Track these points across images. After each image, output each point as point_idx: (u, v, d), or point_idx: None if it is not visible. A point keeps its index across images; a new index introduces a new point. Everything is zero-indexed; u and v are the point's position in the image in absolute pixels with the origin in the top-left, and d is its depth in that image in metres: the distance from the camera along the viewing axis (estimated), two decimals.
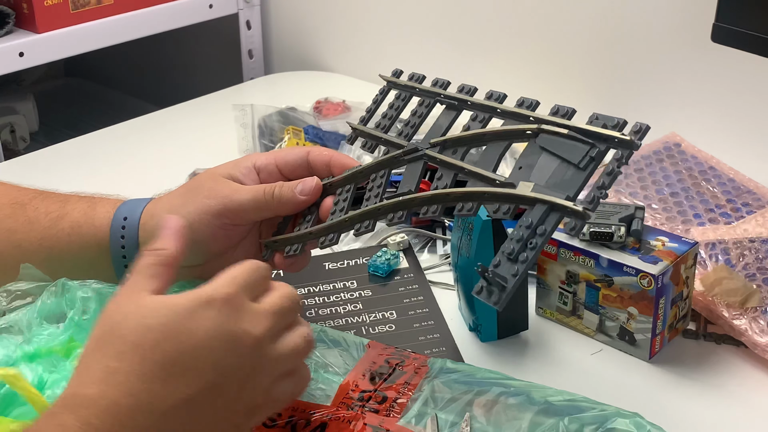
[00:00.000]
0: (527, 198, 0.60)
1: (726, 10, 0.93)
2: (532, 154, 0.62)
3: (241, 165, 0.78)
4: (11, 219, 0.79)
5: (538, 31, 1.35)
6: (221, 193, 0.75)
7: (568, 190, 0.58)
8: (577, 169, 0.59)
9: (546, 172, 0.60)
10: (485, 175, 0.63)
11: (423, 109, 0.75)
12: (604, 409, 0.66)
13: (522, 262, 0.59)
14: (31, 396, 0.61)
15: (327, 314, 0.88)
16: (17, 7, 1.40)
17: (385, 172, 0.74)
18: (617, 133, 0.58)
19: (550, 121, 0.62)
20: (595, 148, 0.59)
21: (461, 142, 0.68)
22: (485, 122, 0.68)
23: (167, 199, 0.78)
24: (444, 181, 0.67)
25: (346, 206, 0.75)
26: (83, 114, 1.89)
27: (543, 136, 0.62)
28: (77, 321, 0.72)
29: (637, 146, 0.58)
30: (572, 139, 0.60)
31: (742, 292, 0.85)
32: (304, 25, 1.66)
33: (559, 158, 0.60)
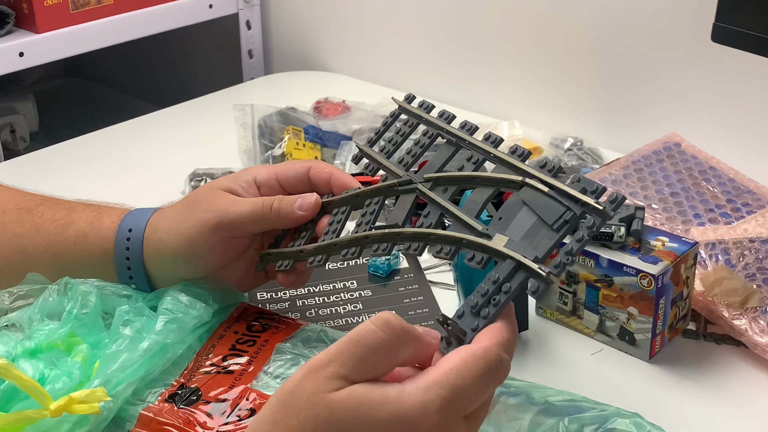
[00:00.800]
0: (499, 252, 0.60)
1: (726, 10, 0.93)
2: (514, 206, 0.63)
3: (241, 178, 0.78)
4: (17, 224, 0.79)
5: (538, 30, 1.35)
6: (218, 206, 0.75)
7: (538, 250, 0.59)
8: (550, 229, 0.59)
9: (522, 228, 0.61)
10: (467, 221, 0.64)
11: (426, 140, 0.76)
12: (604, 409, 0.66)
13: (483, 317, 0.59)
14: (24, 383, 0.61)
15: (327, 314, 0.88)
16: (17, 7, 1.40)
17: (380, 199, 0.74)
18: (592, 200, 0.59)
19: (535, 175, 0.63)
20: (570, 212, 0.59)
21: (452, 181, 0.69)
22: (478, 164, 0.69)
23: (169, 213, 0.78)
24: (430, 219, 0.68)
25: (339, 228, 0.75)
26: (83, 114, 1.89)
27: (526, 190, 0.63)
28: (76, 315, 0.72)
29: (610, 216, 0.59)
30: (552, 198, 0.61)
31: (742, 292, 0.85)
32: (304, 25, 1.66)
33: (537, 216, 0.61)
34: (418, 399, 0.50)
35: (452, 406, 0.51)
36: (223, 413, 0.67)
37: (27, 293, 0.76)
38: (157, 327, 0.71)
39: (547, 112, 1.36)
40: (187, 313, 0.73)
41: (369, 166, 0.79)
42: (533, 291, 0.57)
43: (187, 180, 1.16)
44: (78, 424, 0.63)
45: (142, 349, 0.69)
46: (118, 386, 0.66)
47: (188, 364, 0.72)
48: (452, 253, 0.64)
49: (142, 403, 0.68)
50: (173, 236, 0.76)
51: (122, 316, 0.72)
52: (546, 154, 1.22)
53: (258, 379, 0.70)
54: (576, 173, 0.61)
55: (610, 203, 0.58)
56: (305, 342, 0.75)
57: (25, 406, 0.63)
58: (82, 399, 0.62)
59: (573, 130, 1.30)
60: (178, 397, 0.68)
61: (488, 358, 0.53)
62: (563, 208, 0.59)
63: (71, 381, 0.66)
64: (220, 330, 0.75)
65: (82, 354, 0.69)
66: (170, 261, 0.77)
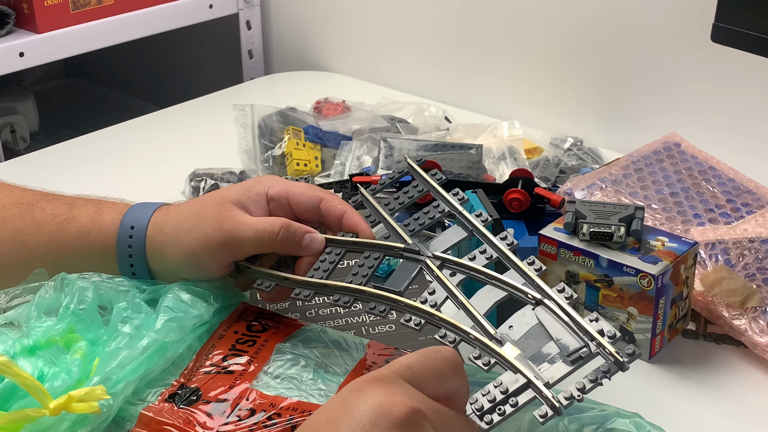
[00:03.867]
0: (511, 364, 0.60)
1: (726, 10, 0.93)
2: (525, 319, 0.63)
3: (253, 191, 0.77)
4: (18, 219, 0.79)
5: (538, 30, 1.35)
6: (224, 227, 0.74)
7: (550, 377, 0.60)
8: (563, 360, 0.60)
9: (534, 345, 0.61)
10: (478, 319, 0.63)
11: (436, 213, 0.75)
12: (604, 409, 0.66)
13: (487, 423, 0.59)
14: (24, 381, 0.61)
15: (327, 314, 0.88)
16: (17, 7, 1.40)
17: (380, 256, 0.73)
18: (614, 350, 0.59)
19: (554, 299, 0.63)
20: (587, 350, 0.60)
21: (463, 268, 0.68)
22: (490, 261, 0.68)
23: (175, 217, 0.77)
24: (435, 298, 0.67)
25: (330, 268, 0.74)
26: (83, 114, 1.89)
27: (541, 310, 0.63)
28: (73, 311, 0.72)
29: (626, 369, 0.60)
30: (569, 328, 0.61)
31: (741, 292, 0.85)
32: (304, 25, 1.66)
33: (551, 339, 0.61)
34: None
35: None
36: (224, 413, 0.67)
37: (24, 290, 0.76)
38: (157, 325, 0.71)
39: (547, 112, 1.36)
40: (187, 312, 0.73)
41: (370, 216, 0.78)
42: (541, 416, 0.57)
43: (187, 180, 1.16)
44: (78, 423, 0.63)
45: (141, 346, 0.69)
46: (117, 384, 0.66)
47: (188, 363, 0.72)
48: (457, 343, 0.64)
49: (142, 402, 0.68)
50: (179, 244, 0.76)
51: (120, 313, 0.72)
52: (546, 154, 1.22)
53: (258, 379, 0.70)
54: (594, 312, 0.62)
55: (628, 355, 0.59)
56: (305, 342, 0.75)
57: (25, 404, 0.63)
58: (82, 397, 0.62)
59: (573, 130, 1.30)
60: (178, 397, 0.68)
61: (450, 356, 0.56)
62: (581, 343, 0.60)
63: (70, 378, 0.66)
64: (220, 330, 0.75)
65: (81, 351, 0.69)
66: (173, 264, 0.77)
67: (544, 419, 0.57)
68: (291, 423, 0.65)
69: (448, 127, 1.30)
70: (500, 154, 1.20)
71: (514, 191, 0.99)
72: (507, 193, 0.99)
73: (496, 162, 1.19)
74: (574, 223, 0.86)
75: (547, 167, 1.17)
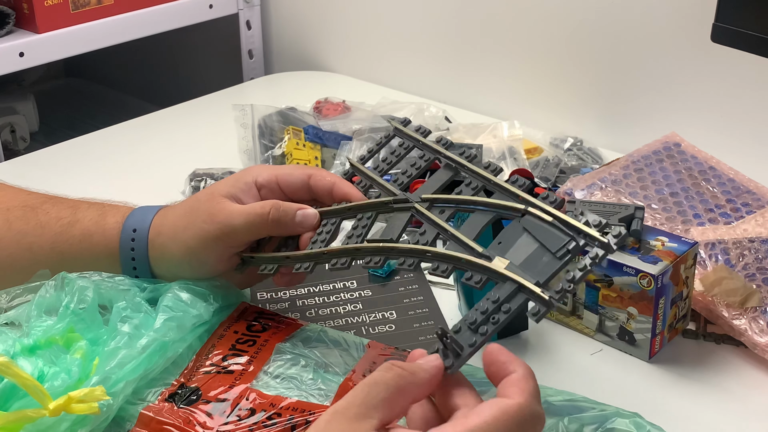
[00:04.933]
0: (500, 273, 0.61)
1: (726, 10, 0.93)
2: (513, 233, 0.63)
3: (242, 181, 0.78)
4: (22, 221, 0.80)
5: (538, 30, 1.35)
6: (217, 218, 0.75)
7: (540, 276, 0.60)
8: (552, 257, 0.60)
9: (523, 253, 0.61)
10: (466, 242, 0.64)
11: (422, 163, 0.77)
12: (604, 409, 0.66)
13: (481, 334, 0.59)
14: (24, 382, 0.61)
15: (327, 314, 0.88)
16: (17, 7, 1.40)
17: (373, 214, 0.74)
18: (597, 233, 0.59)
19: (538, 205, 0.63)
20: (573, 242, 0.60)
21: (450, 203, 0.69)
22: (477, 191, 0.70)
23: (172, 217, 0.78)
24: (426, 237, 0.68)
25: (328, 238, 0.75)
26: (83, 114, 1.89)
27: (528, 218, 0.63)
28: (73, 310, 0.72)
29: (614, 250, 0.59)
30: (555, 227, 0.62)
31: (741, 292, 0.85)
32: (304, 25, 1.66)
33: (539, 242, 0.62)
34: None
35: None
36: (224, 413, 0.67)
37: (25, 290, 0.76)
38: (157, 325, 0.71)
39: (547, 112, 1.36)
40: (187, 312, 0.73)
41: (361, 182, 0.79)
42: (534, 313, 0.57)
43: (187, 180, 1.16)
44: (77, 423, 0.63)
45: (140, 346, 0.69)
46: (117, 384, 0.66)
47: (188, 363, 0.72)
48: (449, 272, 0.64)
49: (142, 402, 0.68)
50: (176, 243, 0.77)
51: (120, 312, 0.72)
52: (546, 154, 1.22)
53: (258, 379, 0.70)
54: (579, 207, 0.62)
55: (614, 237, 0.59)
56: (305, 342, 0.75)
57: (24, 404, 0.63)
58: (81, 398, 0.62)
59: (573, 130, 1.30)
60: (178, 397, 0.68)
61: (522, 414, 0.53)
62: (567, 237, 0.60)
63: (70, 378, 0.66)
64: (220, 329, 0.75)
65: (81, 350, 0.69)
66: (174, 264, 0.78)
67: (536, 317, 0.57)
68: (291, 423, 0.65)
69: (448, 127, 1.30)
70: (500, 154, 1.20)
71: None
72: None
73: (496, 162, 1.19)
74: None
75: (547, 167, 1.17)
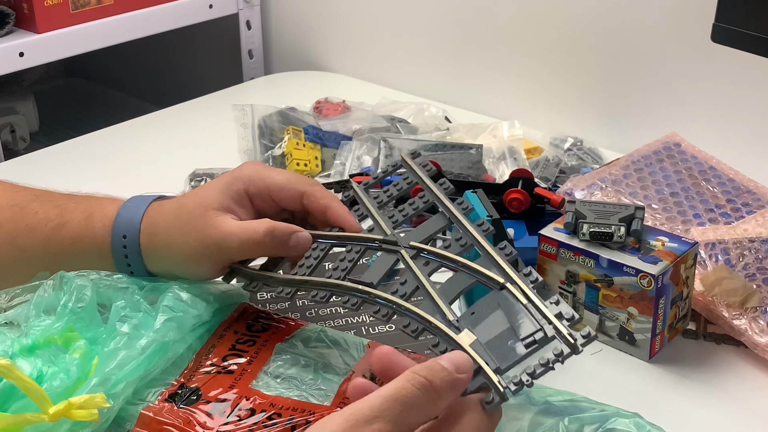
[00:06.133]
0: (464, 350, 0.60)
1: (726, 10, 0.93)
2: (488, 306, 0.63)
3: (233, 189, 0.76)
4: (11, 223, 0.79)
5: (538, 30, 1.35)
6: (210, 239, 0.74)
7: (502, 361, 0.59)
8: (519, 343, 0.59)
9: (492, 331, 0.61)
10: (440, 306, 0.64)
11: (420, 203, 0.76)
12: (604, 409, 0.66)
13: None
14: (25, 385, 0.61)
15: (327, 314, 0.88)
16: (17, 7, 1.40)
17: (361, 249, 0.74)
18: (565, 331, 0.59)
19: (517, 283, 0.63)
20: (541, 333, 0.59)
21: (436, 257, 0.69)
22: (465, 248, 0.69)
23: (163, 227, 0.76)
24: (405, 288, 0.68)
25: (314, 264, 0.74)
26: (83, 114, 1.89)
27: (504, 294, 0.63)
28: (72, 309, 0.72)
29: (579, 352, 0.59)
30: (527, 312, 0.61)
31: (741, 292, 0.85)
32: (304, 25, 1.66)
33: (509, 324, 0.61)
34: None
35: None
36: (224, 413, 0.67)
37: (24, 289, 0.76)
38: (157, 325, 0.71)
39: (547, 112, 1.36)
40: (187, 312, 0.73)
41: (359, 210, 0.78)
42: (487, 402, 0.57)
43: (187, 180, 1.16)
44: (77, 423, 0.63)
45: (140, 346, 0.68)
46: (117, 385, 0.66)
47: (188, 363, 0.72)
48: (418, 333, 0.64)
49: (142, 402, 0.68)
50: (170, 255, 0.76)
51: (119, 312, 0.72)
52: (546, 154, 1.22)
53: (258, 379, 0.70)
54: (555, 295, 0.61)
55: (582, 337, 0.58)
56: (305, 342, 0.75)
57: (24, 404, 0.63)
58: (81, 404, 0.62)
59: (573, 130, 1.30)
60: (178, 397, 0.68)
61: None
62: (536, 327, 0.59)
63: (69, 379, 0.66)
64: (220, 330, 0.75)
65: (80, 350, 0.69)
66: (169, 271, 0.77)
67: (489, 405, 0.56)
68: (291, 423, 0.65)
69: (448, 127, 1.30)
70: (500, 154, 1.20)
71: (514, 191, 0.99)
72: (507, 193, 0.99)
73: (496, 162, 1.19)
74: (574, 223, 0.86)
75: (547, 167, 1.17)
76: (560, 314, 0.60)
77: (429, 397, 0.54)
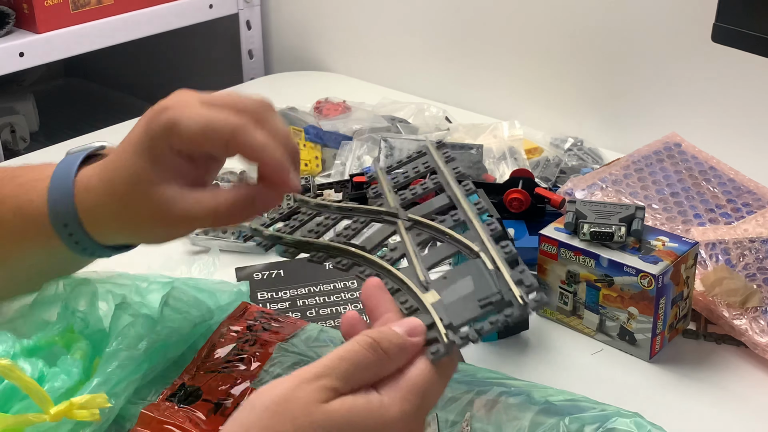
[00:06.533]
0: (424, 306, 0.63)
1: (726, 10, 0.93)
2: (461, 272, 0.65)
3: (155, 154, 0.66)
4: None
5: (538, 30, 1.35)
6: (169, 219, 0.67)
7: (455, 318, 0.61)
8: (476, 304, 0.61)
9: (457, 294, 0.63)
10: (416, 271, 0.67)
11: (430, 184, 0.79)
12: (605, 409, 0.66)
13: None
14: (26, 385, 0.61)
15: (327, 314, 0.88)
16: (17, 7, 1.40)
17: (366, 219, 0.76)
18: (518, 293, 0.60)
19: (489, 253, 0.65)
20: (498, 296, 0.61)
21: (428, 229, 0.72)
22: (458, 223, 0.72)
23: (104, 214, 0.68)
24: (393, 254, 0.71)
25: (322, 231, 0.76)
26: (83, 114, 1.89)
27: (477, 262, 0.65)
28: (72, 309, 0.72)
29: (528, 314, 0.61)
30: (491, 278, 0.63)
31: (742, 292, 0.85)
32: (304, 25, 1.66)
33: (474, 288, 0.63)
34: (398, 407, 0.55)
35: (423, 411, 0.57)
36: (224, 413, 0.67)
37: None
38: (158, 325, 0.71)
39: (547, 112, 1.36)
40: (188, 312, 0.73)
41: (375, 189, 0.80)
42: (432, 353, 0.58)
43: None
44: (79, 424, 0.63)
45: (142, 347, 0.69)
46: (118, 385, 0.66)
47: (189, 363, 0.72)
48: (394, 291, 0.66)
49: (143, 402, 0.68)
50: (119, 233, 0.70)
51: (120, 312, 0.72)
52: (546, 154, 1.22)
53: (259, 378, 0.70)
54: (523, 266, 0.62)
55: (535, 302, 0.60)
56: (305, 342, 0.75)
57: (25, 405, 0.63)
58: (83, 404, 0.62)
59: (573, 130, 1.30)
60: (179, 397, 0.68)
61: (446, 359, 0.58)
62: (494, 290, 0.61)
63: (70, 379, 0.66)
64: (221, 329, 0.75)
65: (81, 351, 0.69)
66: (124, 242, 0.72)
67: (434, 355, 0.58)
68: None
69: (448, 127, 1.30)
70: (501, 154, 1.20)
71: (514, 191, 0.99)
72: (507, 193, 0.99)
73: (497, 162, 1.19)
74: (574, 223, 0.86)
75: (547, 167, 1.17)
76: (521, 281, 0.61)
77: (377, 357, 0.56)
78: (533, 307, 0.59)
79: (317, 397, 0.53)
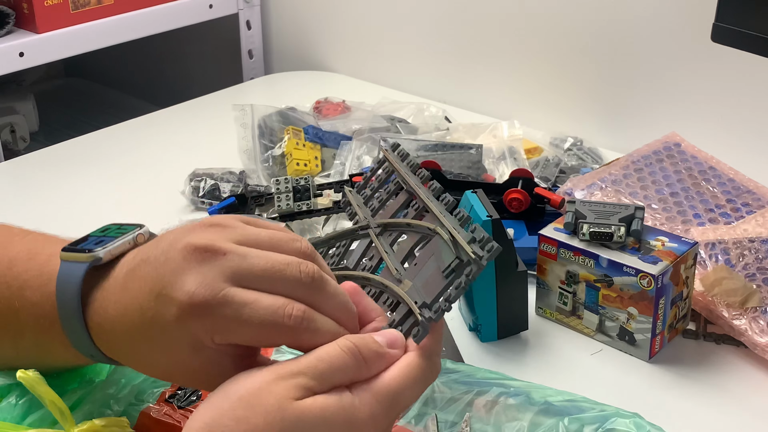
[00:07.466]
0: (399, 296, 0.64)
1: (726, 10, 0.93)
2: (426, 253, 0.66)
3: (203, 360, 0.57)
4: None
5: (538, 30, 1.35)
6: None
7: (428, 296, 0.61)
8: (441, 276, 0.62)
9: (425, 275, 0.64)
10: (390, 267, 0.68)
11: (392, 186, 0.78)
12: (604, 409, 0.66)
13: None
14: (50, 402, 0.61)
15: None
16: (17, 7, 1.40)
17: (346, 242, 0.77)
18: (469, 249, 0.60)
19: (444, 224, 0.65)
20: (457, 260, 0.62)
21: (395, 227, 0.73)
22: (418, 212, 0.72)
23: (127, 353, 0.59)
24: (370, 263, 0.71)
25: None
26: (83, 114, 1.89)
27: (437, 239, 0.66)
28: None
29: (483, 265, 0.60)
30: (450, 246, 0.63)
31: (741, 292, 0.85)
32: (304, 25, 1.66)
33: (437, 263, 0.64)
34: (368, 409, 0.56)
35: (393, 413, 0.57)
36: None
37: None
38: None
39: (547, 112, 1.36)
40: None
41: (349, 210, 0.80)
42: (414, 335, 0.59)
43: (187, 180, 1.16)
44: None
45: None
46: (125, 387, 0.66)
47: None
48: (377, 296, 0.67)
49: (142, 403, 0.68)
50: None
51: None
52: (546, 154, 1.22)
53: None
54: (474, 224, 0.62)
55: (487, 252, 0.60)
56: None
57: (40, 416, 0.63)
58: (103, 426, 0.62)
59: (573, 130, 1.30)
60: (178, 398, 0.68)
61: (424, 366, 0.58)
62: (453, 256, 0.62)
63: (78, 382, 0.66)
64: None
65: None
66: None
67: (416, 338, 0.58)
68: None
69: (448, 127, 1.30)
70: (500, 154, 1.20)
71: (514, 191, 0.99)
72: (507, 193, 0.99)
73: (496, 162, 1.19)
74: (574, 223, 0.86)
75: (547, 167, 1.17)
76: (473, 239, 0.61)
77: (355, 362, 0.56)
78: (487, 258, 0.60)
79: (292, 394, 0.54)
